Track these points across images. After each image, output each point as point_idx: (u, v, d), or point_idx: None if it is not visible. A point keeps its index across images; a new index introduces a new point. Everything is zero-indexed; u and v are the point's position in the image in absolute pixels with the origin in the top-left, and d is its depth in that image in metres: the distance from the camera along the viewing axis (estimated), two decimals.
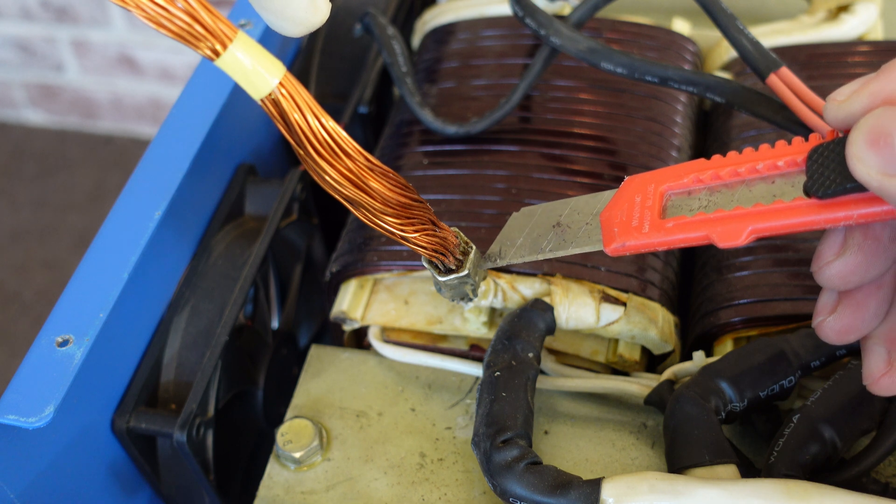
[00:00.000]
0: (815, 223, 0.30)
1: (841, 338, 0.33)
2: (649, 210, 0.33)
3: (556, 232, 0.37)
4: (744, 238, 0.31)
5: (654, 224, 0.33)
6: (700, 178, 0.33)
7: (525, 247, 0.37)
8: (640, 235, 0.33)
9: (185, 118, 0.49)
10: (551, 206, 0.38)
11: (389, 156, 0.51)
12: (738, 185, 0.32)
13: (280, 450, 0.41)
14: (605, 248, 0.34)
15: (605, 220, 0.35)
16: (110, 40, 1.49)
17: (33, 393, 0.38)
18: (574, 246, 0.36)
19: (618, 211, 0.34)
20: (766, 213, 0.30)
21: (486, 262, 0.38)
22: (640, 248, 0.33)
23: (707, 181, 0.33)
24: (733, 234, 0.31)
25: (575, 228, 0.36)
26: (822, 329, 0.33)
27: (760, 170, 0.32)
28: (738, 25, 0.44)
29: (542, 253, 0.37)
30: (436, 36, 0.57)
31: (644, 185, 0.34)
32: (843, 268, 0.31)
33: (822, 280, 0.32)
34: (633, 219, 0.33)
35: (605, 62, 0.45)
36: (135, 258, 0.43)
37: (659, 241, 0.32)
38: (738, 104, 0.43)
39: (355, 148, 0.31)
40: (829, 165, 0.29)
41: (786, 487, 0.32)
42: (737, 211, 0.31)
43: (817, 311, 0.34)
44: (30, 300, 1.40)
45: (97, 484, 0.43)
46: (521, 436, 0.37)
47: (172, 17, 0.26)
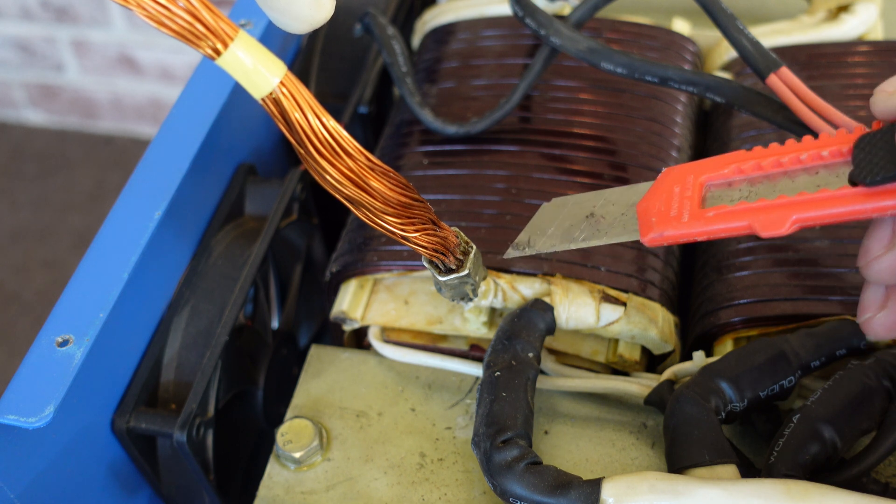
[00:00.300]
0: (861, 212, 0.29)
1: (890, 333, 0.33)
2: (689, 200, 0.33)
3: (590, 222, 0.36)
4: (787, 227, 0.30)
5: (694, 214, 0.32)
6: (741, 168, 0.32)
7: (556, 236, 0.37)
8: (679, 225, 0.32)
9: (185, 118, 0.49)
10: (584, 197, 0.37)
11: (389, 156, 0.51)
12: (780, 176, 0.32)
13: (280, 450, 0.41)
14: (643, 238, 0.33)
15: (642, 211, 0.34)
16: (110, 40, 1.49)
17: (33, 393, 0.38)
18: (609, 236, 0.35)
19: (656, 201, 0.34)
20: (810, 202, 0.30)
21: (514, 251, 0.38)
22: (680, 238, 0.32)
23: (748, 172, 0.32)
24: (776, 222, 0.30)
25: (610, 219, 0.35)
26: (872, 325, 0.33)
27: (804, 160, 0.31)
28: (738, 25, 0.44)
29: (574, 242, 0.36)
30: (436, 36, 0.57)
31: (683, 176, 0.34)
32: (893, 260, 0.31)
33: (872, 275, 0.31)
34: (671, 209, 0.33)
35: (605, 62, 0.45)
36: (135, 258, 0.43)
37: (699, 230, 0.32)
38: (738, 104, 0.43)
39: (356, 147, 0.31)
40: (877, 153, 0.29)
41: (786, 487, 0.32)
42: (780, 200, 0.30)
43: (864, 308, 0.33)
44: (30, 300, 1.40)
45: (97, 484, 0.43)
46: (521, 436, 0.37)
47: (174, 15, 0.26)
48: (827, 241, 0.44)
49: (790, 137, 0.48)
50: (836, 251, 0.43)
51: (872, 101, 0.30)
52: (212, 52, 0.27)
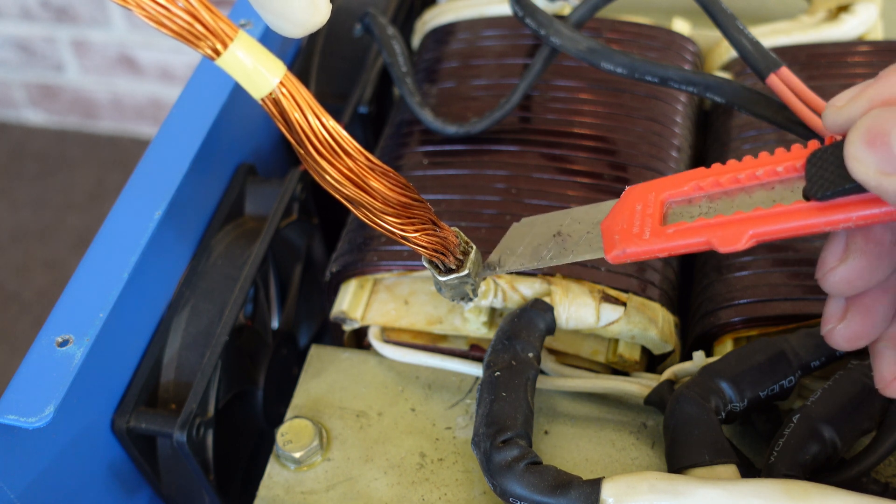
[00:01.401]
0: (814, 226, 0.30)
1: (851, 344, 0.33)
2: (650, 217, 0.34)
3: (557, 241, 0.37)
4: (744, 242, 0.31)
5: (655, 231, 0.33)
6: (700, 185, 0.33)
7: (525, 255, 0.38)
8: (641, 242, 0.33)
9: (185, 118, 0.49)
10: (551, 217, 0.38)
11: (389, 156, 0.51)
12: (738, 192, 0.32)
13: (280, 450, 0.41)
14: (606, 256, 0.34)
15: (606, 229, 0.35)
16: (110, 40, 1.49)
17: (33, 393, 0.38)
18: (575, 254, 0.36)
19: (619, 219, 0.34)
20: (765, 217, 0.31)
21: (486, 271, 0.39)
22: (641, 255, 0.33)
23: (707, 188, 0.33)
24: (733, 238, 0.31)
25: (576, 237, 0.36)
26: (833, 337, 0.33)
27: (760, 176, 0.32)
28: (738, 25, 0.44)
29: (542, 261, 0.37)
30: (436, 36, 0.57)
31: (644, 193, 0.34)
32: (848, 273, 0.31)
33: (828, 287, 0.32)
34: (633, 226, 0.34)
35: (606, 62, 0.45)
36: (135, 258, 0.43)
37: (660, 247, 0.33)
38: (738, 104, 0.43)
39: (356, 147, 0.31)
40: (828, 168, 0.30)
41: (786, 487, 0.32)
42: (737, 216, 0.31)
43: (826, 320, 0.34)
44: (30, 300, 1.40)
45: (97, 484, 0.43)
46: (521, 436, 0.37)
47: (173, 16, 0.26)
48: None
49: (786, 140, 0.49)
50: None
51: (824, 115, 0.31)
52: (211, 52, 0.27)
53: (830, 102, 0.30)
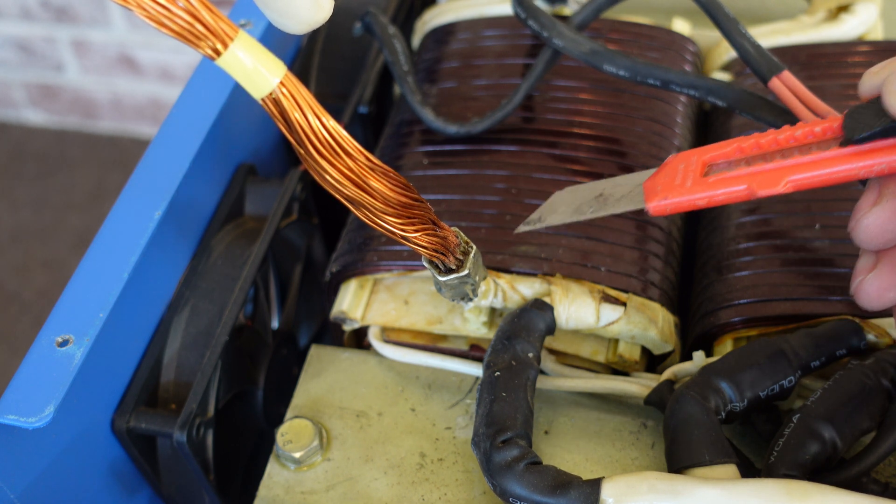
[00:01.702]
0: (850, 171, 0.32)
1: (879, 298, 0.34)
2: (692, 172, 0.35)
3: (599, 200, 0.38)
4: (782, 186, 0.33)
5: (697, 181, 0.35)
6: (742, 146, 0.35)
7: (566, 213, 0.39)
8: (682, 190, 0.35)
9: (185, 118, 0.49)
10: (594, 183, 0.40)
11: (390, 156, 0.51)
12: (775, 154, 0.34)
13: (280, 450, 0.41)
14: (647, 204, 0.35)
15: (649, 186, 0.36)
16: (110, 40, 1.49)
17: (33, 393, 0.38)
18: (616, 207, 0.37)
19: (661, 177, 0.36)
20: (804, 164, 0.33)
21: (525, 227, 0.40)
22: (683, 204, 0.35)
23: (747, 151, 0.35)
24: (772, 181, 0.33)
25: (617, 195, 0.38)
26: (862, 289, 0.34)
27: (798, 136, 0.34)
28: (741, 29, 0.44)
29: (583, 215, 0.38)
30: (436, 36, 0.57)
31: (687, 157, 0.36)
32: (880, 217, 0.32)
33: (860, 233, 0.33)
34: (675, 179, 0.35)
35: (608, 65, 0.45)
36: (135, 258, 0.43)
37: (700, 195, 0.34)
38: (739, 108, 0.43)
39: (356, 147, 0.31)
40: (864, 116, 0.32)
41: (786, 487, 0.32)
42: (776, 163, 0.33)
43: (855, 274, 0.35)
44: (30, 300, 1.40)
45: (97, 484, 0.43)
46: (520, 436, 0.37)
47: (173, 16, 0.26)
48: (827, 241, 0.44)
49: None
50: (836, 251, 0.43)
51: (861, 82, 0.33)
52: (212, 52, 0.27)
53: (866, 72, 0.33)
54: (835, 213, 0.44)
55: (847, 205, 0.44)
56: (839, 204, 0.45)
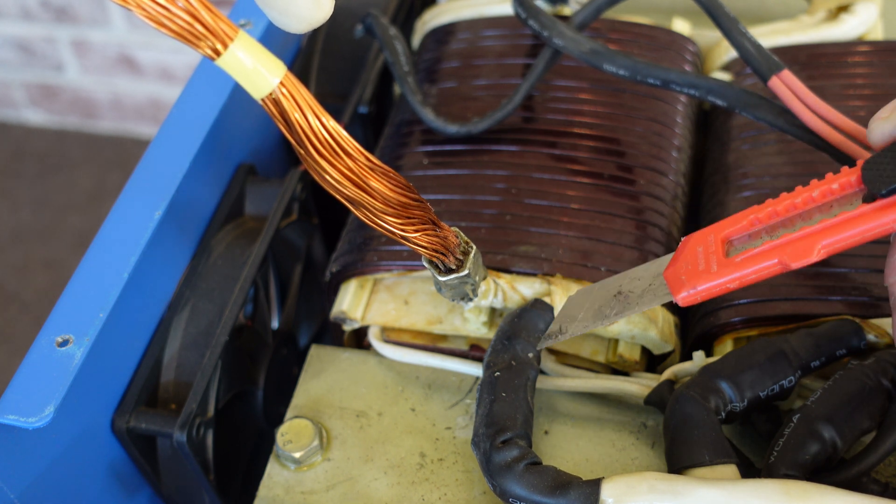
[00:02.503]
0: (882, 226, 0.31)
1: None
2: (714, 254, 0.34)
3: (619, 299, 0.37)
4: (816, 254, 0.31)
5: (722, 263, 0.33)
6: (758, 217, 0.33)
7: (587, 318, 0.37)
8: (710, 276, 0.33)
9: (185, 118, 0.49)
10: (608, 281, 0.38)
11: (390, 156, 0.51)
12: (797, 219, 0.33)
13: (280, 450, 0.41)
14: (676, 298, 0.34)
15: (670, 276, 0.35)
16: (110, 40, 1.49)
17: (33, 393, 0.38)
18: (640, 305, 0.36)
19: (681, 264, 0.34)
20: (833, 227, 0.31)
21: (546, 341, 0.39)
22: (714, 289, 0.33)
23: (765, 220, 0.33)
24: (805, 252, 0.31)
25: (638, 292, 0.36)
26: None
27: (816, 197, 0.33)
28: (741, 28, 0.44)
29: (607, 319, 0.37)
30: (436, 36, 0.57)
31: (703, 237, 0.35)
32: None
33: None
34: (699, 265, 0.34)
35: (608, 64, 0.45)
36: (135, 258, 0.43)
37: (730, 277, 0.33)
38: (739, 108, 0.43)
39: (356, 147, 0.31)
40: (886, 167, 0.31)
41: (785, 487, 0.32)
42: (803, 231, 0.32)
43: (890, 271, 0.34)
44: (30, 300, 1.40)
45: (97, 484, 0.43)
46: (520, 436, 0.37)
47: (173, 16, 0.26)
48: None
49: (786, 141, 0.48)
50: None
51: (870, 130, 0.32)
52: (211, 52, 0.27)
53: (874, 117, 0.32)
54: None
55: None
56: None
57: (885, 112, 0.32)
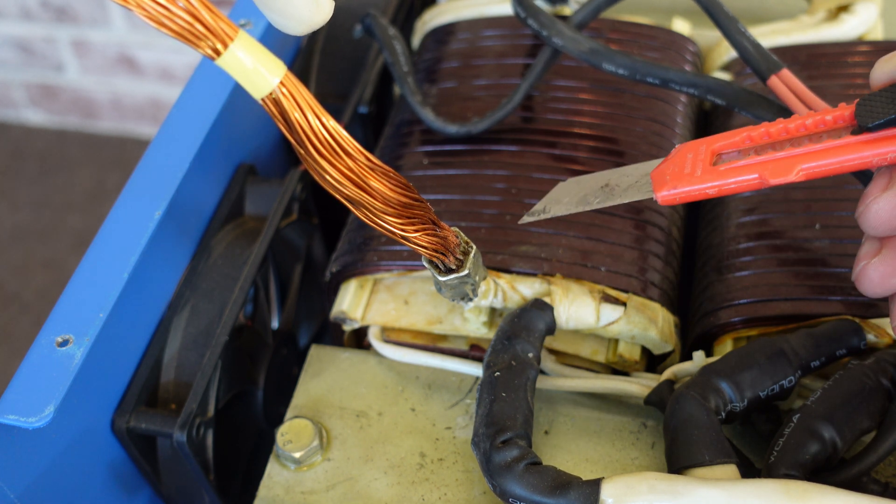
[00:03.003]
0: (863, 160, 0.32)
1: (882, 283, 0.34)
2: (701, 162, 0.35)
3: (605, 191, 0.38)
4: (794, 175, 0.32)
5: (707, 170, 0.34)
6: (751, 135, 0.34)
7: (571, 203, 0.38)
8: (692, 179, 0.34)
9: (185, 118, 0.49)
10: (599, 174, 0.39)
11: (389, 155, 0.51)
12: (786, 143, 0.34)
13: (280, 450, 0.41)
14: (657, 194, 0.35)
15: (657, 175, 0.36)
16: (110, 40, 1.49)
17: (33, 393, 0.38)
18: (623, 197, 0.37)
19: (669, 166, 0.35)
20: (816, 152, 0.32)
21: (529, 217, 0.39)
22: (693, 193, 0.34)
23: (757, 140, 0.34)
24: (784, 170, 0.32)
25: (624, 186, 0.37)
26: (865, 274, 0.34)
27: (809, 125, 0.33)
28: (740, 27, 0.44)
29: (589, 205, 0.38)
30: (436, 36, 0.57)
31: (695, 146, 0.36)
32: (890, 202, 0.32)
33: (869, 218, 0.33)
34: (685, 169, 0.35)
35: (607, 63, 0.45)
36: (135, 258, 0.43)
37: (711, 184, 0.34)
38: (739, 106, 0.43)
39: (356, 147, 0.31)
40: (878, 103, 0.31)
41: (785, 487, 0.32)
42: (788, 151, 0.33)
43: (858, 259, 0.34)
44: (30, 300, 1.40)
45: (97, 484, 0.43)
46: (520, 436, 0.37)
47: (173, 16, 0.26)
48: (827, 241, 0.44)
49: None
50: (836, 251, 0.43)
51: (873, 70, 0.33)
52: (211, 52, 0.27)
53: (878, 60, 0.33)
54: (835, 213, 0.44)
55: (848, 205, 0.44)
56: (839, 204, 0.45)
57: (890, 55, 0.33)
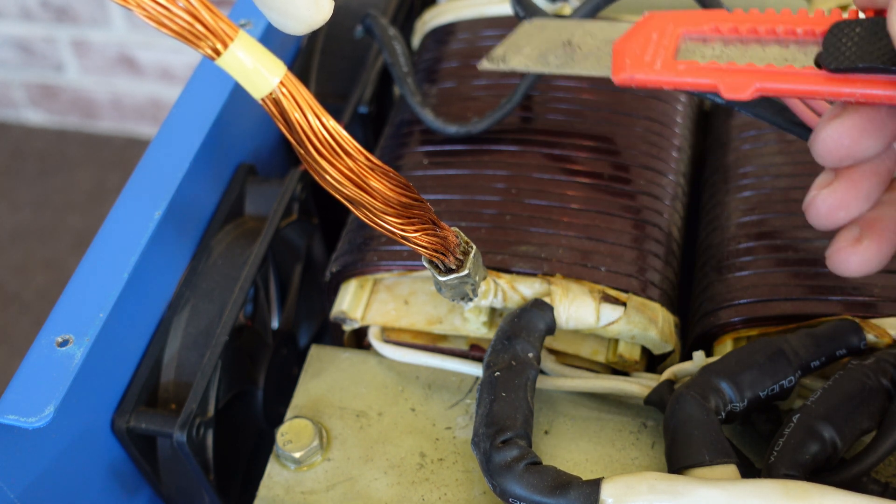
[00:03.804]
0: (819, 93, 0.31)
1: (830, 216, 0.34)
2: (664, 49, 0.34)
3: (567, 50, 0.37)
4: (749, 93, 0.32)
5: (666, 63, 0.33)
6: (719, 27, 0.34)
7: (531, 57, 0.37)
8: (650, 71, 0.33)
9: (185, 118, 0.49)
10: (564, 24, 0.38)
11: (389, 155, 0.51)
12: (753, 42, 0.33)
13: (280, 450, 0.41)
14: (613, 77, 0.34)
15: (618, 50, 0.35)
16: (110, 40, 1.49)
17: (33, 393, 0.38)
18: (582, 67, 0.36)
19: (632, 43, 0.35)
20: (775, 73, 0.32)
21: (488, 63, 0.38)
22: (648, 83, 0.34)
23: (724, 32, 0.34)
24: (740, 86, 0.32)
25: (585, 50, 0.36)
26: (815, 203, 0.34)
27: (779, 32, 0.33)
28: None
29: (547, 67, 0.37)
30: (436, 36, 0.57)
31: (663, 23, 0.35)
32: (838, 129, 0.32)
33: (817, 145, 0.33)
34: (646, 54, 0.34)
35: None
36: (135, 258, 0.43)
37: (668, 80, 0.33)
38: (738, 105, 0.43)
39: (356, 147, 0.31)
40: (848, 43, 0.31)
41: (785, 487, 0.32)
42: (747, 67, 0.32)
43: (812, 189, 0.34)
44: (30, 300, 1.40)
45: (97, 484, 0.43)
46: (520, 436, 0.37)
47: (173, 16, 0.26)
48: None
49: (786, 140, 0.48)
50: None
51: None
52: (211, 52, 0.27)
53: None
54: None
55: None
56: None
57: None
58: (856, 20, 0.31)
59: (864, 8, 0.31)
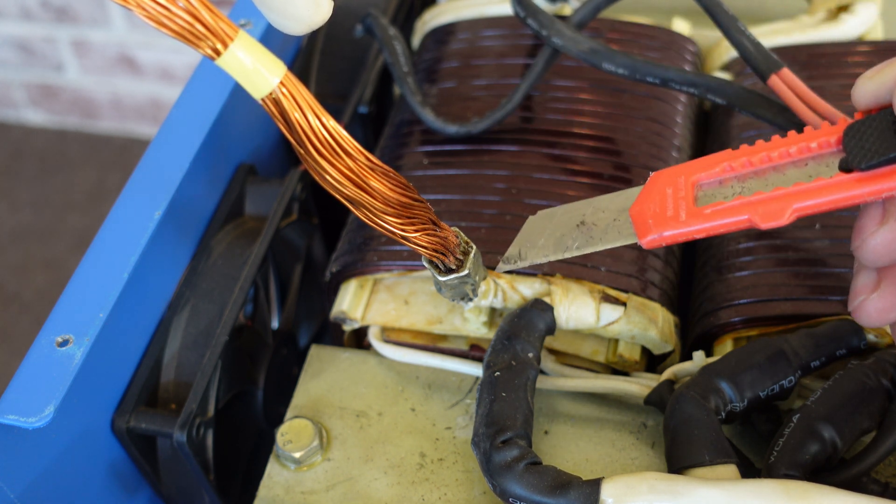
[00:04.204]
0: (857, 197, 0.30)
1: (882, 317, 0.33)
2: (683, 200, 0.33)
3: (582, 230, 0.36)
4: (787, 217, 0.31)
5: (691, 212, 0.33)
6: (731, 165, 0.33)
7: (548, 246, 0.37)
8: (677, 224, 0.33)
9: (185, 118, 0.49)
10: (571, 207, 0.38)
11: (390, 155, 0.51)
12: (769, 171, 0.33)
13: (280, 450, 0.41)
14: (641, 241, 0.34)
15: (636, 215, 0.34)
16: (110, 40, 1.49)
17: (33, 393, 0.38)
18: (604, 241, 0.35)
19: (649, 204, 0.34)
20: (807, 191, 0.31)
21: (505, 265, 0.38)
22: (679, 237, 0.33)
23: (738, 169, 0.33)
24: (776, 213, 0.31)
25: (602, 226, 0.36)
26: (864, 309, 0.33)
27: (793, 153, 0.32)
28: (740, 27, 0.44)
29: (568, 251, 0.36)
30: (436, 36, 0.57)
31: (673, 177, 0.34)
32: (887, 236, 0.31)
33: (866, 253, 0.32)
34: (667, 209, 0.33)
35: (607, 63, 0.45)
36: (135, 258, 0.43)
37: (698, 227, 0.33)
38: (739, 106, 0.43)
39: (356, 147, 0.31)
40: (869, 139, 0.30)
41: (785, 487, 0.32)
42: (777, 192, 0.31)
43: (855, 293, 0.34)
44: (30, 300, 1.40)
45: (97, 484, 0.43)
46: (520, 436, 0.37)
47: (173, 16, 0.26)
48: (827, 241, 0.44)
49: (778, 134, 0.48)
50: (836, 251, 0.43)
51: (854, 91, 0.32)
52: (211, 52, 0.27)
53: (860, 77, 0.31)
54: (835, 213, 0.44)
55: None
56: None
57: (871, 72, 0.31)
58: (867, 118, 0.31)
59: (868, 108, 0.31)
